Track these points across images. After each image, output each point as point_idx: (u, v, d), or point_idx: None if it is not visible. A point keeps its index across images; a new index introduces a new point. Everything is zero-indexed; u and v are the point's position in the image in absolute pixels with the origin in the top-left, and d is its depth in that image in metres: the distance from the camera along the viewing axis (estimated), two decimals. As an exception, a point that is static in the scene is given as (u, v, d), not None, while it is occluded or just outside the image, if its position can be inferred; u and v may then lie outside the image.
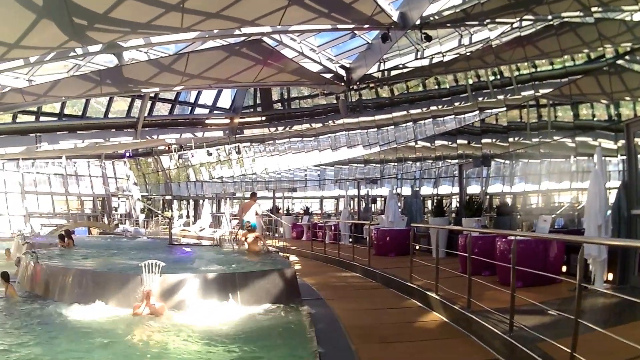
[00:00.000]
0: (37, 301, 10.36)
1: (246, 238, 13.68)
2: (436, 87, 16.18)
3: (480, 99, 13.83)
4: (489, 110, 13.62)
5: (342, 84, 20.24)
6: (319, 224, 19.86)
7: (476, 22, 13.19)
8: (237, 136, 30.07)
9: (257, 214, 15.47)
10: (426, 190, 17.87)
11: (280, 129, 27.50)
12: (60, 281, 10.60)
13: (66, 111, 27.40)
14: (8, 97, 18.92)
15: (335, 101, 22.28)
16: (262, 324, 8.57)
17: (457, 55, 14.57)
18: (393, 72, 18.22)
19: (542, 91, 11.33)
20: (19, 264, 13.79)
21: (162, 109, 29.70)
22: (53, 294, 10.40)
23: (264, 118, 28.39)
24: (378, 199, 21.16)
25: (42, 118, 26.79)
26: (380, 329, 7.31)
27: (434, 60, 15.64)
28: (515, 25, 11.57)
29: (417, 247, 12.23)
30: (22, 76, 20.17)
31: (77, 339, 7.87)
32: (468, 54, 14.01)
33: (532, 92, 11.69)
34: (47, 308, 9.72)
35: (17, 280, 12.13)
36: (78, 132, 27.23)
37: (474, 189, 15.07)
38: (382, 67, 18.46)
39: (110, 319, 8.99)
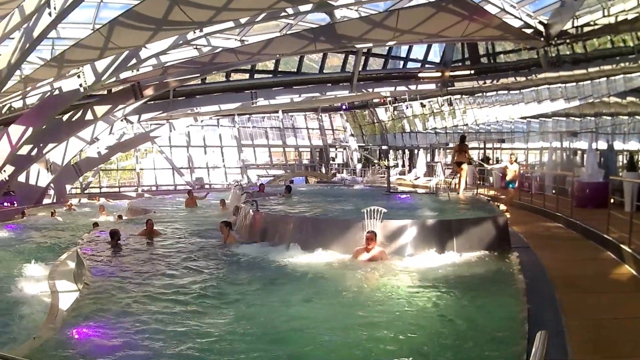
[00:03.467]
0: (257, 247, 10.96)
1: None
2: (622, 44, 17.21)
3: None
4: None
5: (542, 39, 21.64)
6: (526, 175, 20.92)
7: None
8: (448, 89, 32.14)
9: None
10: (617, 145, 18.88)
11: (488, 82, 28.97)
12: (280, 228, 11.23)
13: (280, 68, 30.65)
14: (221, 57, 20.43)
15: (536, 56, 23.77)
16: (476, 270, 9.02)
17: (638, 14, 15.61)
18: (585, 29, 19.36)
19: None
20: (237, 213, 14.76)
21: (374, 64, 32.56)
22: (273, 240, 10.98)
23: (472, 71, 30.28)
24: (578, 151, 22.45)
25: (256, 76, 30.00)
26: (579, 280, 7.98)
27: (619, 18, 16.74)
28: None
29: (612, 201, 12.43)
30: (234, 37, 22.12)
31: (297, 283, 8.53)
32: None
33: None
34: (267, 254, 10.28)
35: (234, 229, 12.92)
36: (294, 87, 30.73)
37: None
38: (575, 24, 19.69)
39: (330, 264, 9.56)
